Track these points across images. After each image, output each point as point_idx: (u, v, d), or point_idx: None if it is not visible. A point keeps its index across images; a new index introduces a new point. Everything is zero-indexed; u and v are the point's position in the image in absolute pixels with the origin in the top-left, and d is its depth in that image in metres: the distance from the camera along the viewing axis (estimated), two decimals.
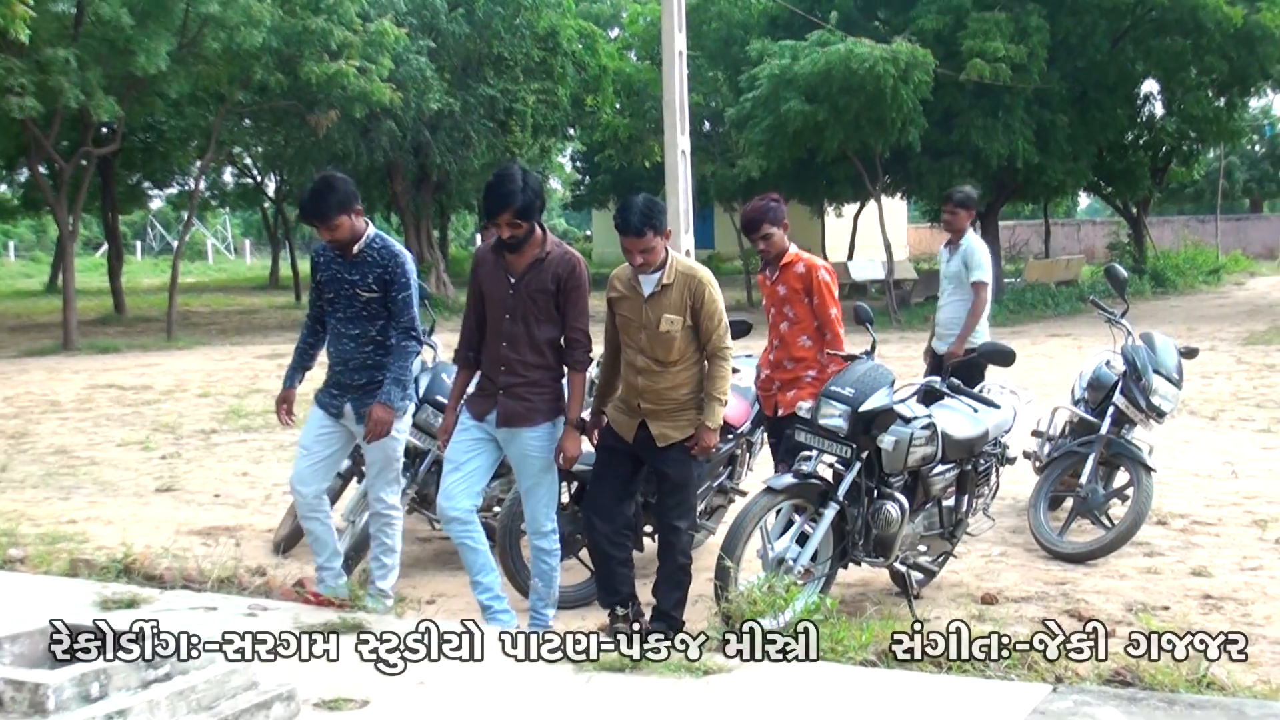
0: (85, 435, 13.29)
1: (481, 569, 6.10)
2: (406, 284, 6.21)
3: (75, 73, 20.83)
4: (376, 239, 6.24)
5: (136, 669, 4.05)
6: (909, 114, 24.42)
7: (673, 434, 6.11)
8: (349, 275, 6.21)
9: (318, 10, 24.76)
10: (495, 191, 5.83)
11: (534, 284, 5.96)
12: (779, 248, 7.23)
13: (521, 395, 6.02)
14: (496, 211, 5.82)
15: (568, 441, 6.07)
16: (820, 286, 7.15)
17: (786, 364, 7.22)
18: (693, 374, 6.15)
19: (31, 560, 7.28)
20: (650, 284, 6.08)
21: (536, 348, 6.01)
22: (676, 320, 6.03)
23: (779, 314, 7.31)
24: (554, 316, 6.02)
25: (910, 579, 6.76)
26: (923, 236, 55.08)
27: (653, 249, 5.98)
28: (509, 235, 5.86)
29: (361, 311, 6.21)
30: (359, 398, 6.24)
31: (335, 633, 5.53)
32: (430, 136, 31.59)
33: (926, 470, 6.63)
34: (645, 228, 5.95)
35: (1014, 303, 27.90)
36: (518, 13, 31.87)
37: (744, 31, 29.94)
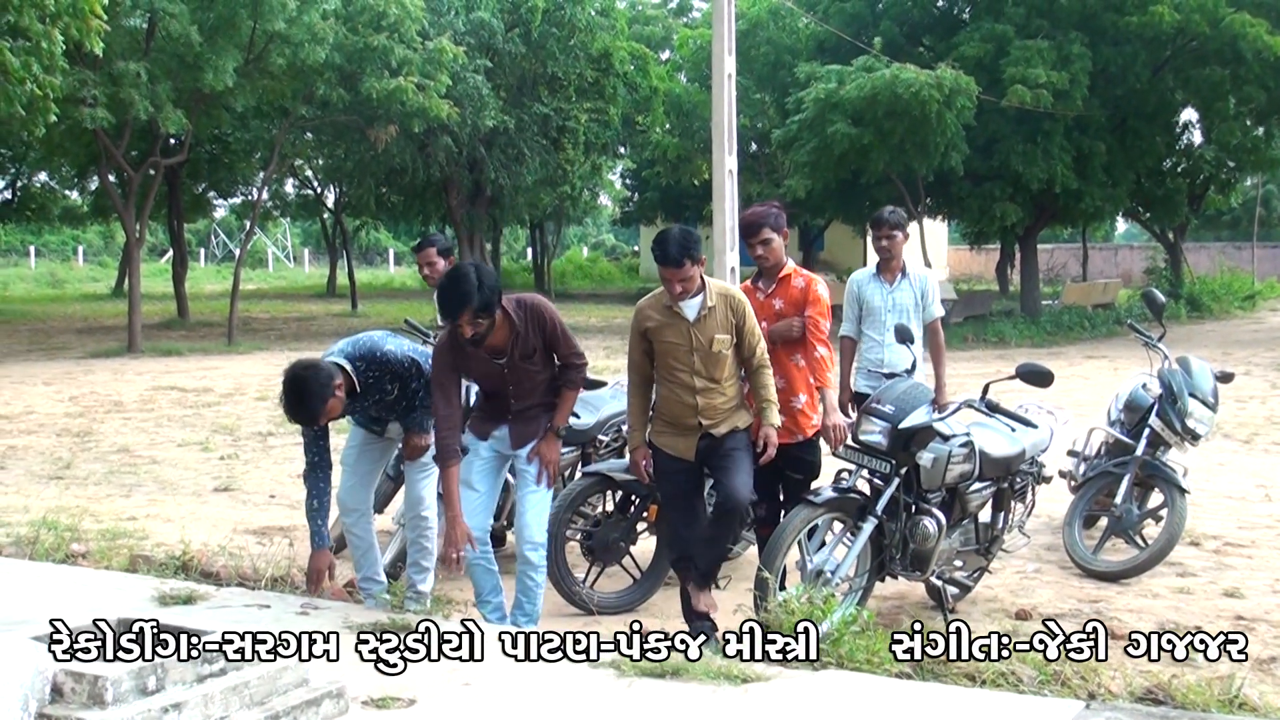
0: (147, 435, 13.61)
1: (494, 590, 6.24)
2: (411, 371, 6.28)
3: (146, 86, 21.37)
4: (358, 365, 6.18)
5: (192, 664, 4.17)
6: (952, 139, 24.54)
7: (735, 425, 6.31)
8: (368, 399, 6.29)
9: (379, 28, 25.18)
10: (451, 293, 5.76)
11: (524, 352, 6.05)
12: (777, 257, 6.97)
13: (534, 417, 6.20)
14: (455, 312, 5.76)
15: (546, 446, 6.18)
16: (815, 300, 6.89)
17: (778, 383, 6.67)
18: (737, 386, 6.36)
19: (93, 555, 7.46)
20: (694, 309, 6.19)
21: (542, 386, 6.19)
22: (726, 339, 6.20)
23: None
24: (549, 358, 6.16)
25: (946, 593, 6.84)
26: (963, 258, 54.99)
27: (690, 278, 6.10)
28: (471, 334, 5.81)
29: (395, 406, 6.36)
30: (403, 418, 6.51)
31: (384, 632, 5.70)
32: (485, 152, 31.98)
33: (964, 487, 6.73)
34: (684, 259, 6.04)
35: (1051, 324, 28.00)
36: (572, 34, 32.25)
37: (791, 56, 30.14)
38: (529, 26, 31.94)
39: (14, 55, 15.61)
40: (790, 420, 6.73)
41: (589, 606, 6.90)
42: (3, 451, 12.53)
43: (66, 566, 7.16)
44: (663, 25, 45.04)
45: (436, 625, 5.53)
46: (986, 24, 27.40)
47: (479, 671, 5.16)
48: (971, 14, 29.61)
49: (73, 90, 19.67)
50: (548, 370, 6.16)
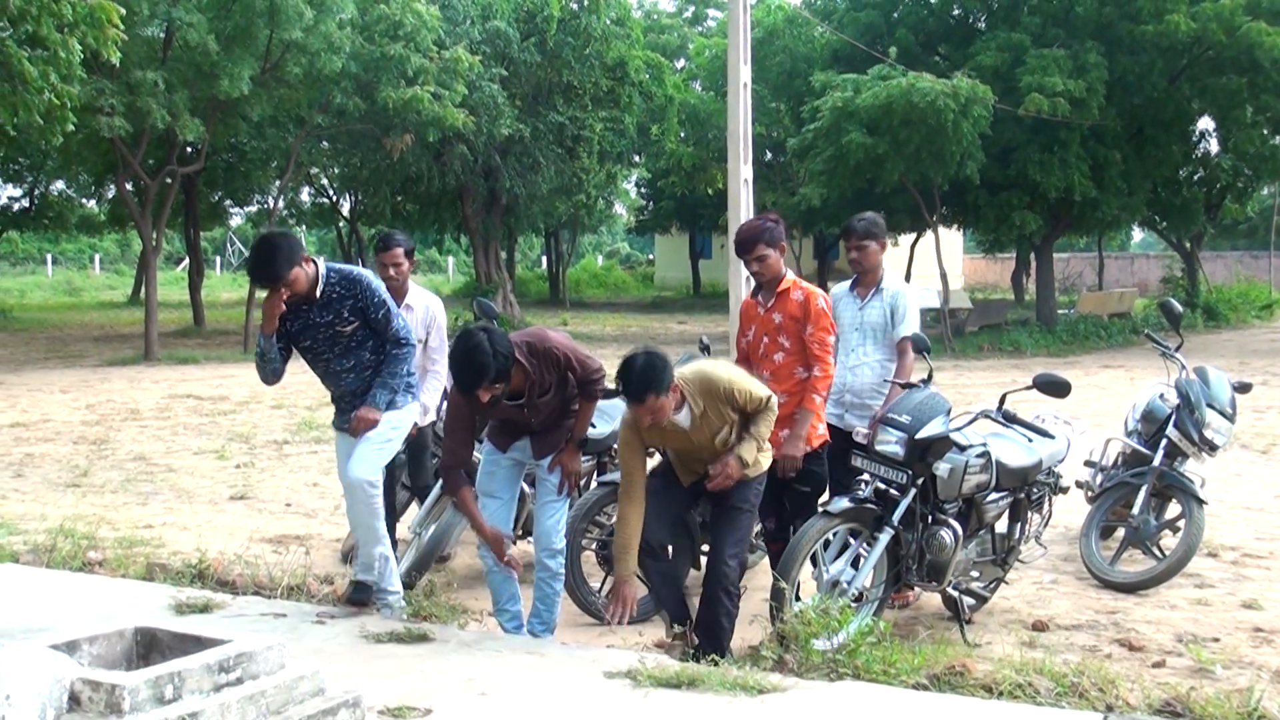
0: (163, 443, 13.65)
1: (511, 599, 6.23)
2: (380, 301, 6.17)
3: (163, 95, 21.48)
4: (331, 274, 6.16)
5: (209, 673, 4.15)
6: (968, 147, 24.54)
7: (745, 474, 6.09)
8: (321, 318, 6.16)
9: (395, 38, 25.28)
10: (467, 367, 5.61)
11: (543, 391, 6.01)
12: (774, 272, 6.76)
13: (556, 429, 6.20)
14: (473, 386, 5.64)
15: (567, 456, 6.17)
16: (818, 316, 6.72)
17: (780, 397, 6.44)
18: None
19: (110, 563, 7.51)
20: (685, 419, 5.91)
21: (564, 410, 6.18)
22: (726, 428, 5.97)
23: (772, 344, 6.82)
24: (565, 384, 6.09)
25: (962, 604, 6.83)
26: (978, 267, 54.99)
27: (658, 409, 5.71)
28: (492, 396, 5.74)
29: (350, 344, 6.19)
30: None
31: (400, 641, 5.73)
32: (501, 161, 32.06)
33: (981, 498, 6.73)
34: (645, 394, 5.65)
35: (1067, 334, 27.97)
36: (588, 43, 32.34)
37: (807, 65, 30.17)
38: (544, 35, 32.02)
39: (32, 64, 15.68)
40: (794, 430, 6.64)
41: (604, 616, 6.89)
42: (20, 459, 12.58)
43: (83, 574, 7.19)
44: (678, 34, 45.13)
45: (497, 637, 5.65)
46: (1002, 33, 27.41)
47: (495, 680, 5.16)
48: (987, 23, 29.62)
49: (90, 99, 19.76)
50: (565, 392, 6.12)
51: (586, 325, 29.87)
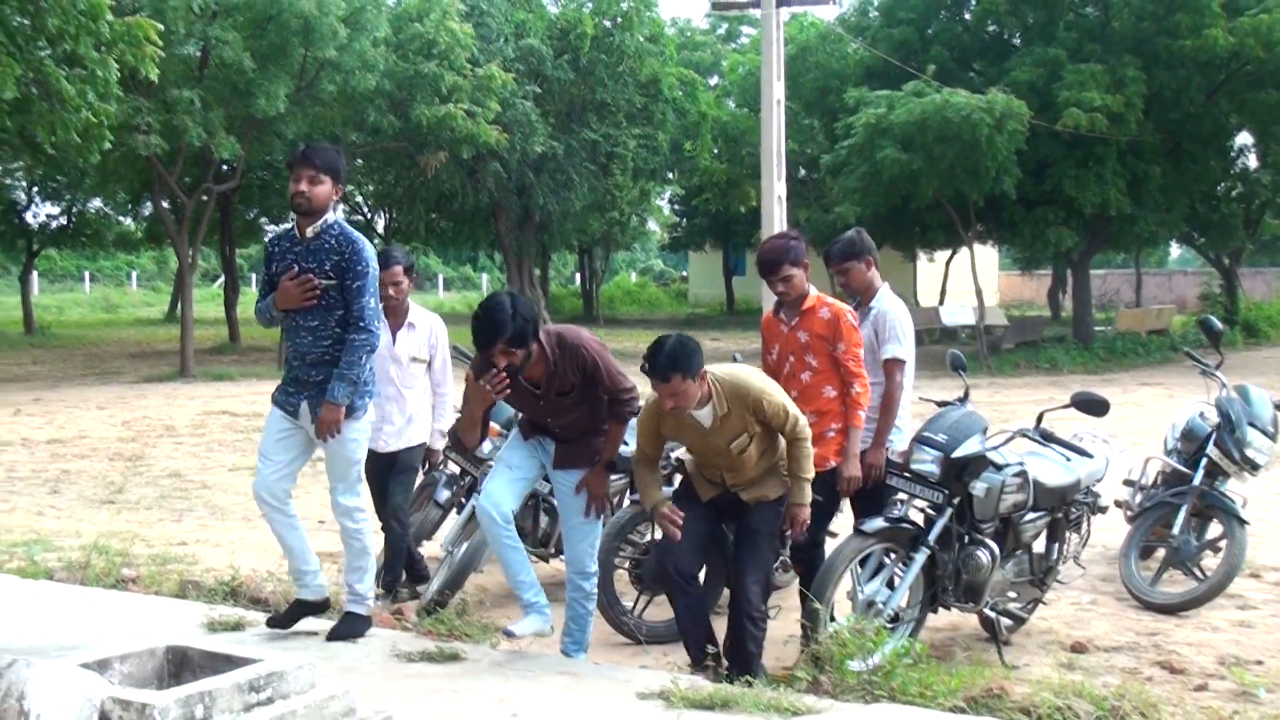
0: (198, 459, 13.70)
1: (522, 568, 6.01)
2: (363, 271, 5.89)
3: (199, 113, 21.68)
4: (335, 225, 5.98)
5: (239, 692, 4.14)
6: (1003, 163, 24.41)
7: (764, 495, 5.97)
8: (305, 263, 5.92)
9: (429, 56, 25.44)
10: (485, 322, 5.58)
11: (560, 387, 5.88)
12: (799, 290, 6.48)
13: (582, 441, 6.06)
14: (488, 343, 5.59)
15: (594, 479, 6.02)
16: (848, 333, 6.42)
17: (810, 417, 6.14)
18: (774, 455, 5.96)
19: (143, 581, 7.51)
20: (706, 417, 5.79)
21: (585, 419, 6.02)
22: (745, 439, 5.80)
23: (798, 363, 6.50)
24: (591, 393, 5.93)
25: (999, 625, 6.75)
26: (1014, 283, 54.69)
27: (683, 392, 5.59)
28: (504, 365, 5.65)
29: (320, 300, 5.90)
30: (315, 396, 5.98)
31: (432, 660, 5.69)
32: (534, 178, 32.15)
33: (1018, 517, 6.66)
34: (671, 373, 5.54)
35: (1105, 351, 27.80)
36: (621, 60, 32.44)
37: (840, 81, 30.08)
38: (578, 53, 32.13)
39: (70, 83, 15.83)
40: (822, 447, 6.35)
41: (637, 635, 6.84)
42: (56, 475, 12.65)
43: (117, 592, 7.20)
44: (711, 51, 45.24)
45: (528, 656, 5.59)
46: (1038, 48, 27.26)
47: (528, 701, 5.12)
48: (1023, 39, 29.47)
49: (127, 117, 19.95)
50: (589, 404, 5.98)
51: (620, 341, 29.86)
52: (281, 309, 5.98)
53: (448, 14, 25.98)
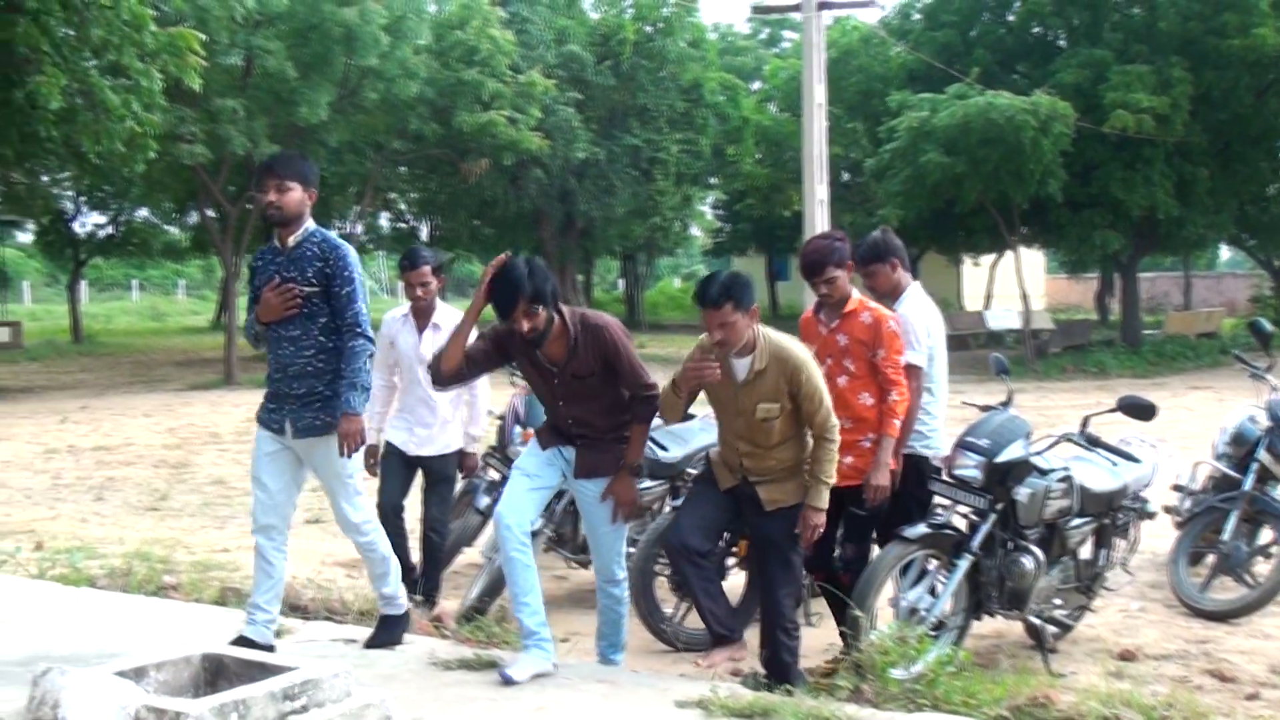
0: (242, 466, 13.73)
1: (531, 589, 5.69)
2: (350, 277, 5.74)
3: (242, 122, 21.85)
4: (317, 233, 5.79)
5: (274, 701, 4.12)
6: (1048, 165, 24.27)
7: (781, 499, 5.73)
8: (287, 273, 5.73)
9: (471, 63, 25.53)
10: (502, 285, 5.46)
11: (578, 370, 5.66)
12: (843, 292, 6.28)
13: (601, 447, 5.80)
14: (509, 306, 5.44)
15: (621, 485, 5.78)
16: (890, 339, 6.18)
17: (844, 423, 5.92)
18: (798, 447, 5.75)
19: (184, 588, 7.51)
20: (742, 369, 5.64)
21: (605, 413, 5.77)
22: (774, 407, 5.61)
23: (836, 366, 6.25)
24: (609, 384, 5.71)
25: (1045, 633, 6.67)
26: (1061, 287, 54.24)
27: (732, 324, 5.48)
28: (529, 328, 5.47)
29: (303, 309, 5.72)
30: (297, 410, 5.76)
31: (470, 668, 5.64)
32: (576, 184, 32.20)
33: (1063, 523, 6.57)
34: (724, 299, 5.45)
35: (1153, 354, 27.68)
36: (662, 66, 32.47)
37: (883, 84, 30.00)
38: (619, 59, 32.16)
39: (114, 93, 15.96)
40: (859, 460, 6.16)
41: (676, 643, 6.79)
42: (101, 483, 12.73)
43: (158, 599, 7.21)
44: (754, 56, 45.17)
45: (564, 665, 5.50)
46: (1084, 50, 27.05)
47: (566, 710, 5.08)
48: (1068, 40, 29.25)
49: (171, 127, 20.10)
50: (609, 395, 5.74)
51: (664, 347, 29.83)
52: (264, 322, 5.80)
53: (489, 21, 26.06)
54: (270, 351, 5.87)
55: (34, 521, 10.47)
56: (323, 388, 5.73)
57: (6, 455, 14.77)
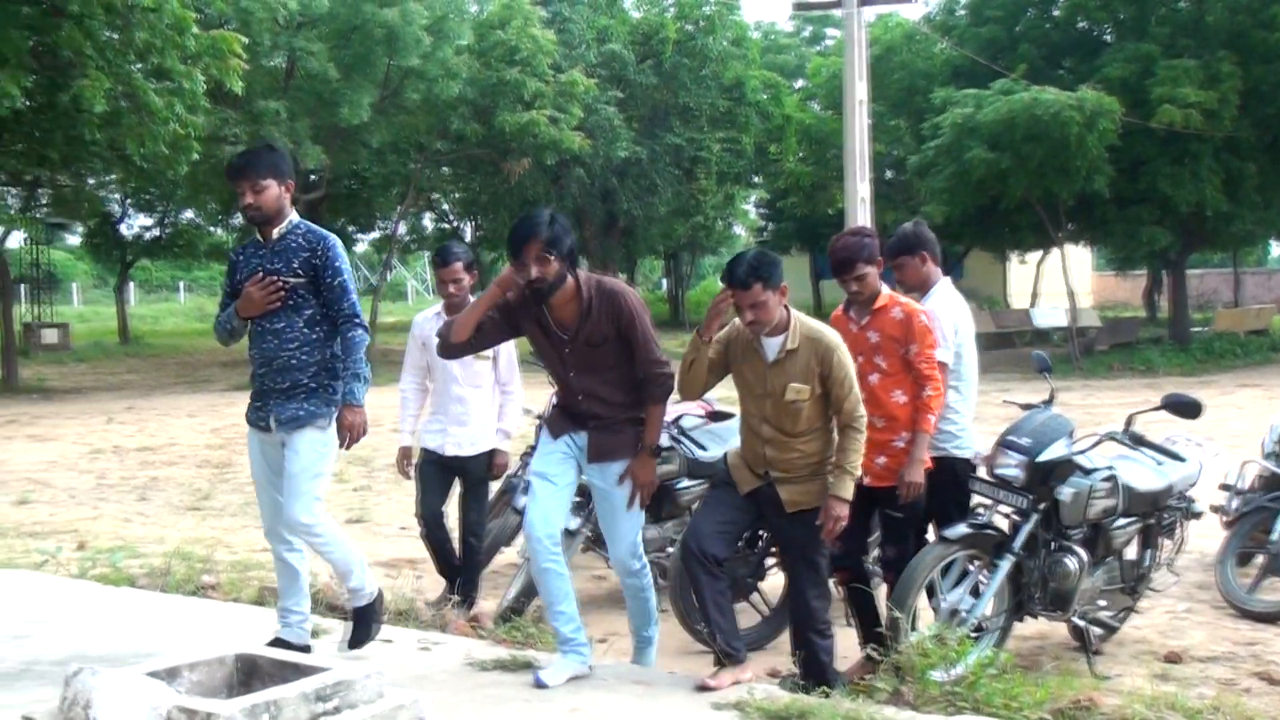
0: None
1: (565, 597, 5.60)
2: (341, 268, 5.62)
3: (285, 123, 21.99)
4: (300, 224, 5.69)
5: (306, 702, 4.09)
6: (1094, 161, 24.03)
7: (803, 500, 5.56)
8: (271, 265, 5.60)
9: (512, 63, 25.56)
10: (519, 225, 5.38)
11: (590, 337, 5.47)
12: (873, 289, 6.16)
13: (614, 429, 5.59)
14: (522, 243, 5.31)
15: (639, 466, 5.58)
16: (923, 333, 6.07)
17: (875, 422, 5.90)
18: (824, 441, 5.58)
19: (223, 588, 7.52)
20: (773, 349, 5.51)
21: (616, 389, 5.57)
22: (804, 389, 5.45)
23: (867, 364, 6.10)
24: (624, 354, 5.52)
25: (1090, 634, 6.58)
26: (1108, 284, 53.72)
27: (762, 304, 5.38)
28: (537, 274, 5.30)
29: (288, 301, 5.58)
30: (282, 403, 5.61)
31: (505, 669, 5.62)
32: (618, 183, 32.19)
33: (1107, 523, 6.48)
34: (752, 280, 5.35)
35: (1202, 352, 27.31)
36: (704, 64, 32.40)
37: (926, 81, 29.80)
38: (660, 57, 32.12)
39: (158, 96, 16.08)
40: (893, 460, 6.05)
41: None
42: (145, 483, 12.82)
43: (196, 599, 7.23)
44: (796, 54, 44.98)
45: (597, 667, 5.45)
46: (1130, 44, 26.77)
47: (601, 711, 5.05)
48: (1114, 35, 28.96)
49: (215, 129, 20.26)
50: (621, 369, 5.55)
51: None
52: (245, 317, 5.66)
53: (530, 21, 26.09)
54: (253, 346, 5.72)
55: (78, 521, 10.56)
56: (307, 380, 5.60)
57: (53, 455, 14.91)
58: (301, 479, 5.56)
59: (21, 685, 5.33)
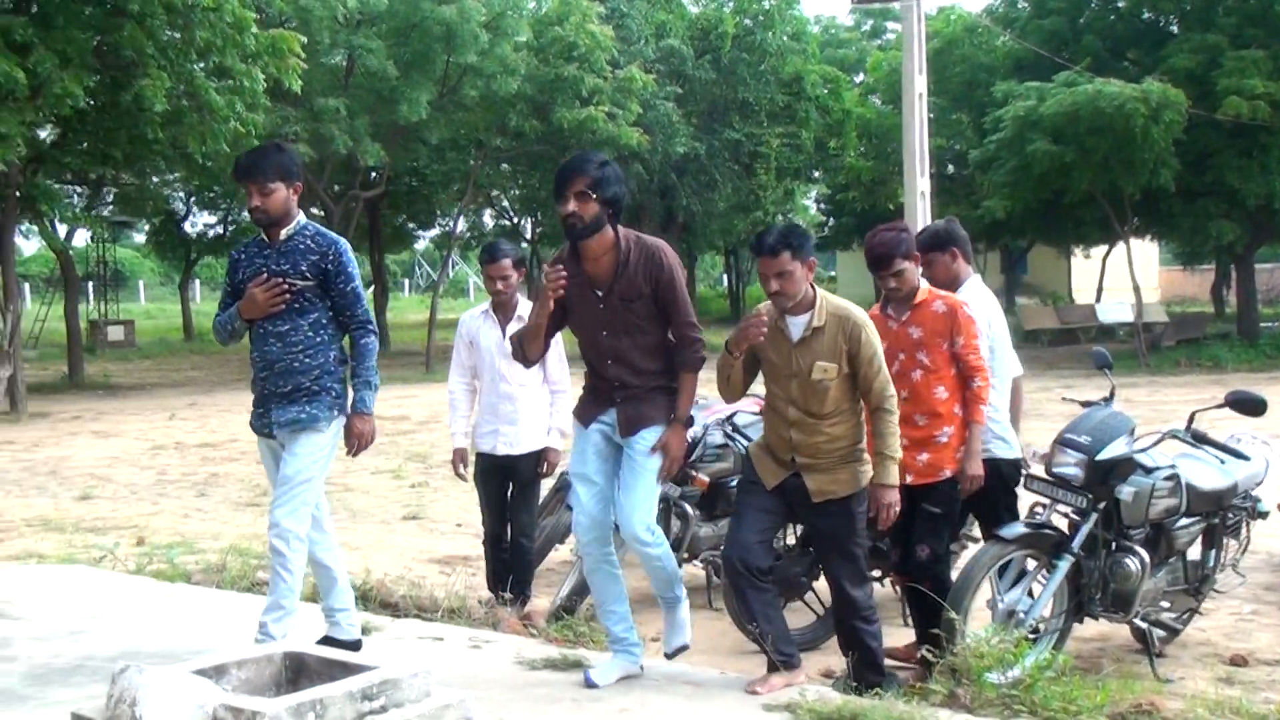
0: (342, 463, 13.78)
1: (617, 597, 5.54)
2: (352, 274, 5.56)
3: (344, 121, 22.13)
4: (309, 226, 5.61)
5: (352, 700, 4.05)
6: (1160, 154, 23.70)
7: (830, 489, 5.40)
8: (277, 266, 5.51)
9: (570, 59, 25.56)
10: (569, 161, 5.27)
11: (626, 292, 5.29)
12: (911, 285, 6.02)
13: (642, 399, 5.40)
14: (566, 177, 5.18)
15: (673, 437, 5.38)
16: (968, 324, 5.96)
17: (918, 419, 5.88)
18: (851, 425, 5.44)
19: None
20: (799, 327, 5.39)
21: (647, 354, 5.40)
22: (831, 368, 5.33)
23: (909, 360, 5.99)
24: (657, 317, 5.36)
25: (1152, 636, 6.43)
26: (1175, 279, 52.94)
27: (789, 274, 5.29)
28: (575, 209, 5.16)
29: (293, 304, 5.49)
30: (282, 406, 5.54)
31: (554, 668, 5.59)
32: (677, 179, 32.13)
33: (1170, 523, 6.35)
34: (781, 247, 5.28)
35: (1271, 347, 26.86)
36: (763, 59, 32.29)
37: (988, 74, 29.55)
38: (719, 52, 32.03)
39: (218, 94, 16.22)
40: (936, 455, 5.94)
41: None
42: (205, 479, 12.92)
43: (250, 595, 7.24)
44: (857, 48, 44.75)
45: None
46: (1196, 35, 26.38)
47: (650, 712, 5.01)
48: (1180, 25, 28.51)
49: (275, 127, 20.43)
50: (654, 333, 5.38)
51: None
52: (247, 319, 5.57)
53: (587, 17, 26.07)
54: (254, 349, 5.64)
55: (137, 517, 10.67)
56: (309, 383, 5.53)
57: (115, 451, 15.08)
58: (293, 482, 5.50)
59: (75, 681, 5.37)
